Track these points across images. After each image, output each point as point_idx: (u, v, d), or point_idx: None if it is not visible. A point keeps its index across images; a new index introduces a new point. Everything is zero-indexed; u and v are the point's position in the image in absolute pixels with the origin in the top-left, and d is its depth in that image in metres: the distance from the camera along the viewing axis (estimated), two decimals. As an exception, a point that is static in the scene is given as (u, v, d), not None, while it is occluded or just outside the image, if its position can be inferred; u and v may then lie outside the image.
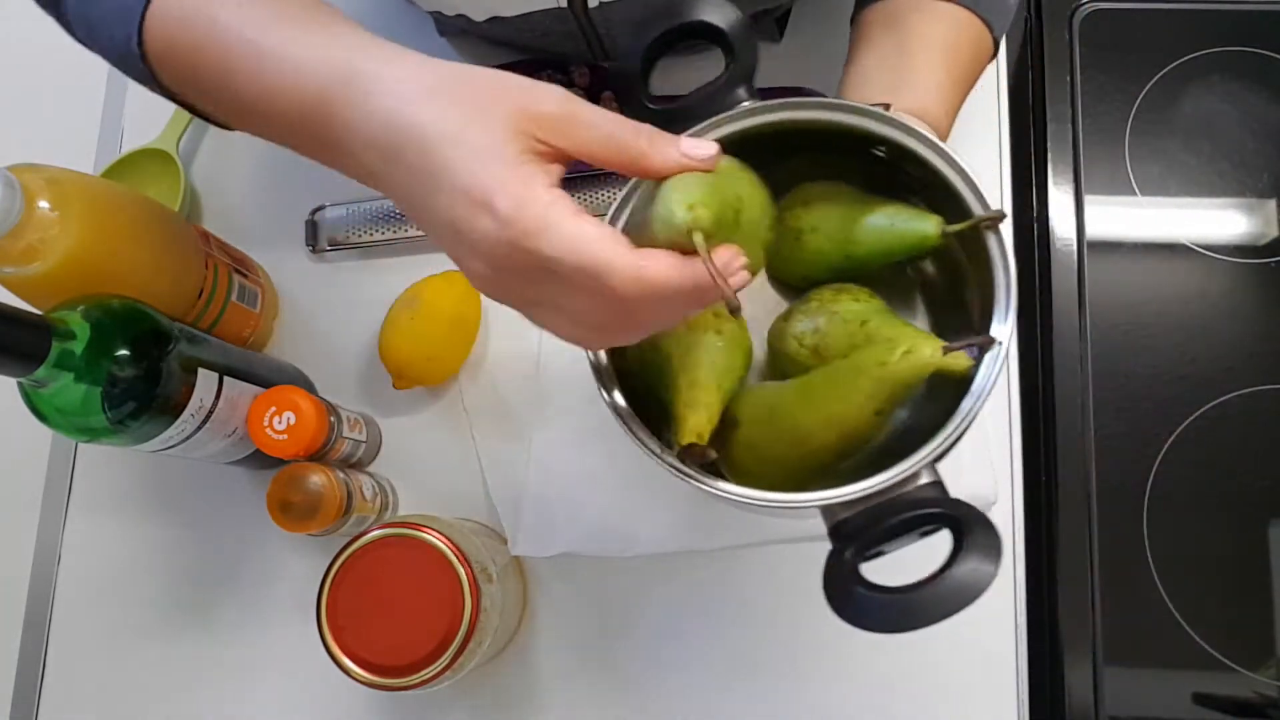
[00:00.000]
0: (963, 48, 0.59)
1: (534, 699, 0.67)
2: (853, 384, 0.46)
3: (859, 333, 0.50)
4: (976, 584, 0.40)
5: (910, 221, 0.50)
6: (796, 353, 0.52)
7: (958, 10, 0.58)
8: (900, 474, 0.44)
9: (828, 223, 0.53)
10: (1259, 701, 0.75)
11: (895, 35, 0.59)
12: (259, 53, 0.44)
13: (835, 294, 0.52)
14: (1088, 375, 0.80)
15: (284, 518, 0.60)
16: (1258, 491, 0.78)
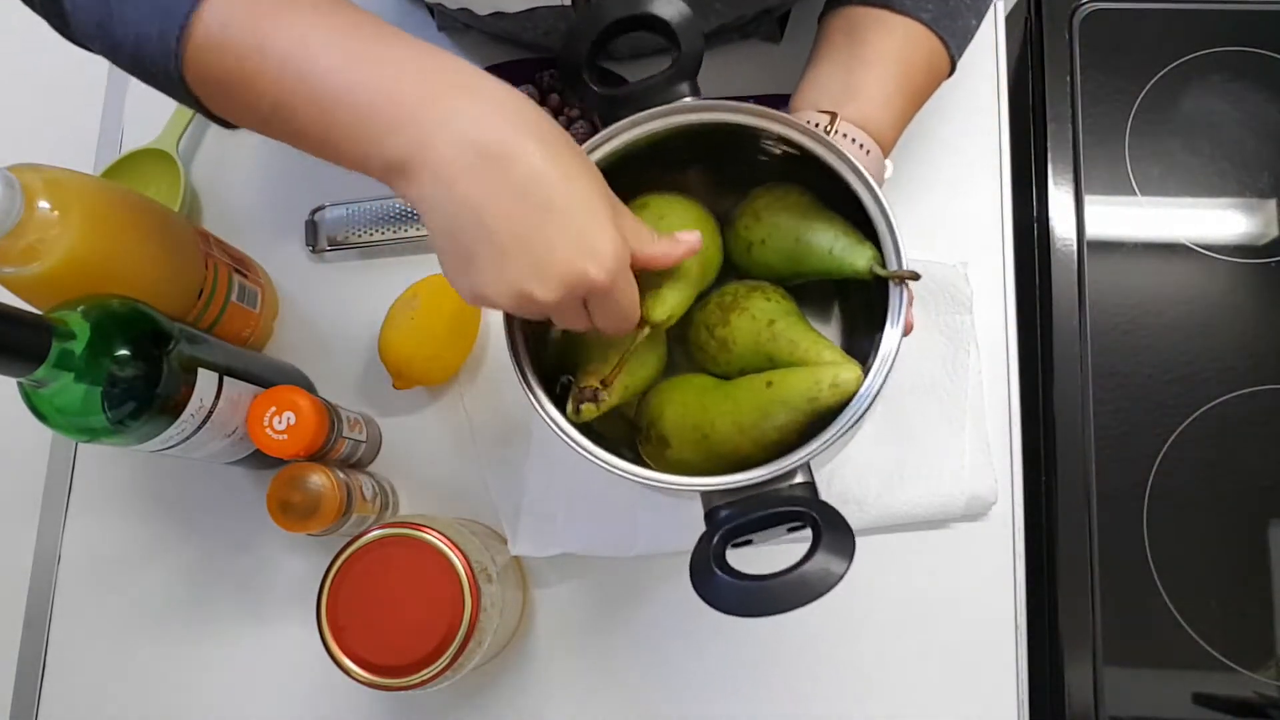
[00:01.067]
0: (917, 64, 0.60)
1: (534, 699, 0.67)
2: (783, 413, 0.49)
3: (765, 331, 0.53)
4: (824, 580, 0.43)
5: (847, 251, 0.53)
6: (705, 342, 0.55)
7: (916, 26, 0.59)
8: (775, 471, 0.47)
9: (776, 237, 0.55)
10: (1259, 701, 0.75)
11: (851, 44, 0.60)
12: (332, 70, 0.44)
13: (749, 290, 0.55)
14: (1088, 375, 0.80)
15: (284, 518, 0.60)
16: (1258, 491, 0.79)
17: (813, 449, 0.48)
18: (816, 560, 0.44)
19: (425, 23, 0.76)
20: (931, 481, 0.67)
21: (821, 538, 0.45)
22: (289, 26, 0.44)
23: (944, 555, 0.67)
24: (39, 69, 0.81)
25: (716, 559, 0.45)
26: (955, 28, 0.60)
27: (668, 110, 0.52)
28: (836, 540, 0.44)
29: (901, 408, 0.69)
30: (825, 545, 0.44)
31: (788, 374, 0.50)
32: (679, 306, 0.52)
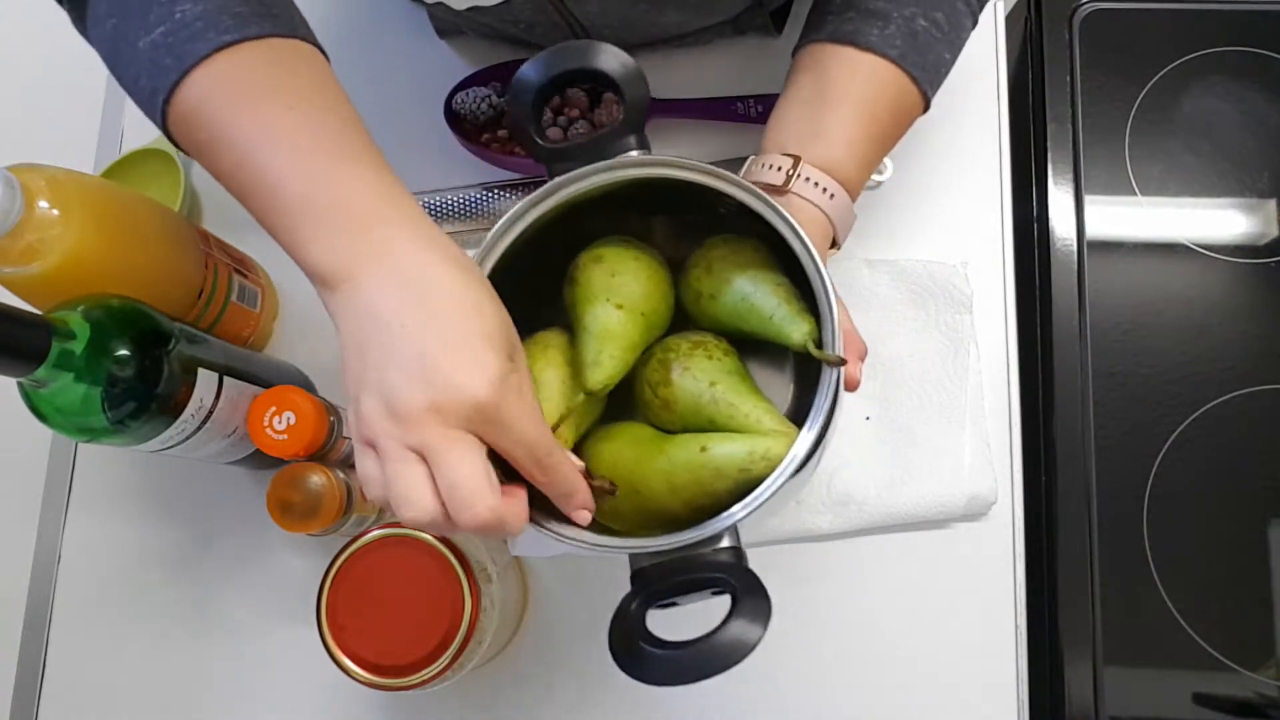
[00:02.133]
0: (884, 103, 0.58)
1: (534, 699, 0.67)
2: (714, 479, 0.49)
3: (706, 393, 0.52)
4: (743, 644, 0.43)
5: (785, 321, 0.52)
6: (649, 399, 0.54)
7: (883, 64, 0.58)
8: (700, 536, 0.47)
9: (725, 294, 0.55)
10: (1259, 701, 0.75)
11: (818, 83, 0.58)
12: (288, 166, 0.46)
13: (692, 347, 0.54)
14: (1088, 375, 0.80)
15: (284, 518, 0.60)
16: (1258, 491, 0.79)
17: (736, 514, 0.47)
18: (731, 629, 0.44)
19: (425, 23, 0.76)
20: (931, 481, 0.67)
21: (738, 605, 0.45)
22: (261, 119, 0.47)
23: (944, 555, 0.67)
24: (39, 69, 0.81)
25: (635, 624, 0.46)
26: (925, 62, 0.59)
27: (612, 165, 0.52)
28: (753, 605, 0.44)
29: (902, 408, 0.69)
30: (741, 612, 0.44)
31: (722, 441, 0.50)
32: (617, 374, 0.53)
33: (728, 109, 0.74)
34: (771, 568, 0.67)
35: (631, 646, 0.45)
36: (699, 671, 0.44)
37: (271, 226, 0.47)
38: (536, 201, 0.52)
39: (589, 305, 0.54)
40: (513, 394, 0.44)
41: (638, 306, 0.54)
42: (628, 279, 0.54)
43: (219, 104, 0.47)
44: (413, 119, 0.74)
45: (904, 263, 0.71)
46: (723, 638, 0.44)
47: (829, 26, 0.59)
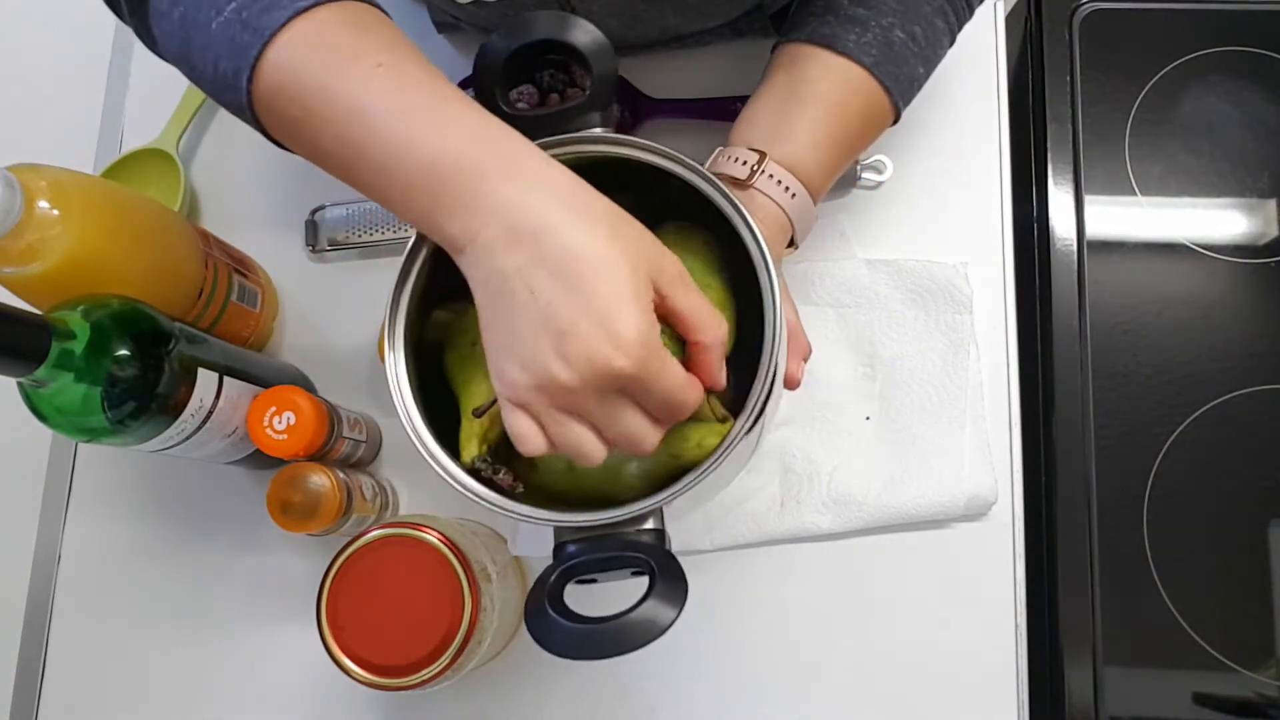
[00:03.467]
0: (853, 108, 0.59)
1: (534, 699, 0.67)
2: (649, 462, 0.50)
3: None
4: (655, 625, 0.43)
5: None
6: None
7: (857, 70, 0.58)
8: (625, 514, 0.47)
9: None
10: (1259, 701, 0.75)
11: (791, 82, 0.59)
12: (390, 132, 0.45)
13: None
14: (1088, 375, 0.80)
15: (284, 518, 0.60)
16: (1258, 491, 0.79)
17: (663, 496, 0.48)
18: (645, 608, 0.43)
19: (424, 19, 0.76)
20: (931, 481, 0.67)
21: (654, 586, 0.44)
22: (354, 83, 0.45)
23: (944, 555, 0.67)
24: (39, 69, 0.81)
25: (552, 595, 0.45)
26: (899, 74, 0.59)
27: (576, 139, 0.51)
28: (670, 587, 0.44)
29: (902, 407, 0.69)
30: (656, 593, 0.44)
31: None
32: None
33: (726, 108, 0.74)
34: (771, 567, 0.67)
35: (544, 616, 0.44)
36: (606, 648, 0.43)
37: (383, 199, 0.46)
38: None
39: None
40: (653, 353, 0.43)
41: None
42: None
43: (308, 73, 0.45)
44: (413, 119, 0.74)
45: (904, 263, 0.71)
46: (635, 617, 0.43)
47: (808, 27, 0.59)
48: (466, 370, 0.53)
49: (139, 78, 0.79)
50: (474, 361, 0.52)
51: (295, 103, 0.46)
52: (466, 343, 0.54)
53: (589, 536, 0.48)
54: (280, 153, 0.78)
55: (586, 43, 0.51)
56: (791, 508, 0.67)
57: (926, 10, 0.59)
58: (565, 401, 0.43)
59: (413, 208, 0.45)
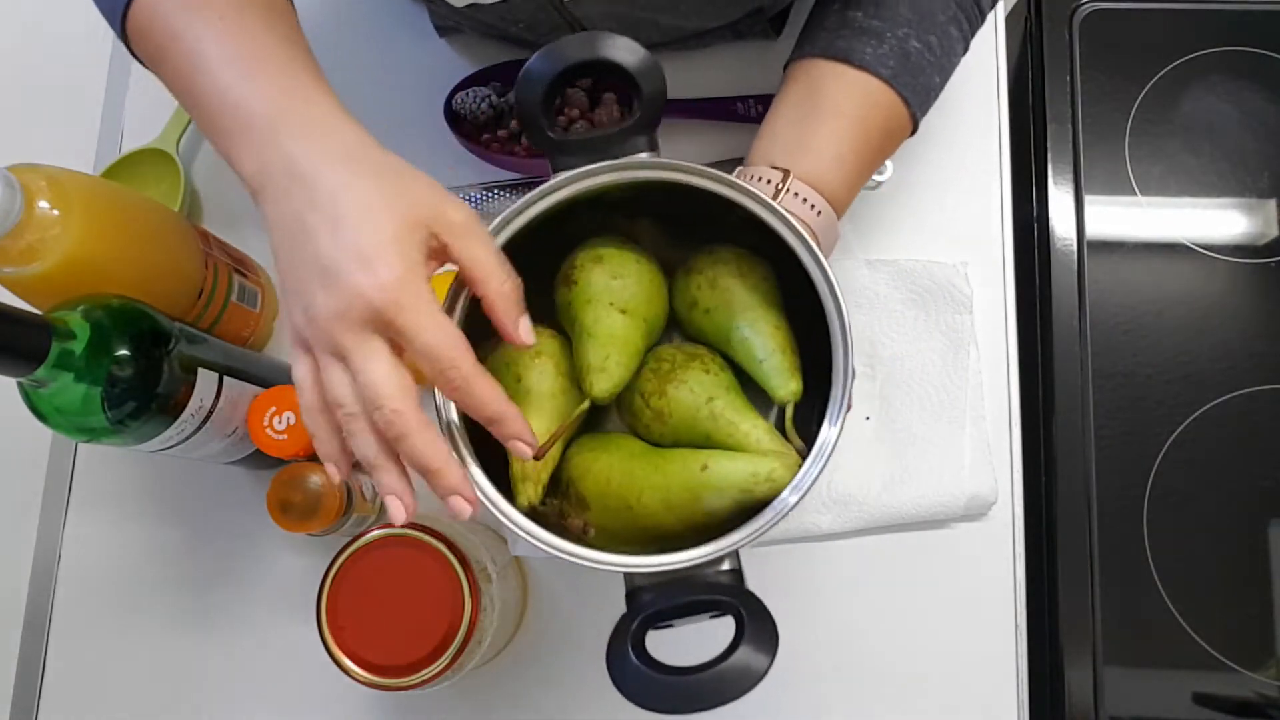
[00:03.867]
0: (874, 122, 0.58)
1: (534, 699, 0.67)
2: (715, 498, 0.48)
3: (704, 409, 0.51)
4: (744, 680, 0.42)
5: (773, 374, 0.51)
6: (640, 410, 0.53)
7: (875, 83, 0.57)
8: (702, 558, 0.46)
9: (720, 314, 0.54)
10: (1259, 701, 0.75)
11: (810, 97, 0.58)
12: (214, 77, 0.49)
13: (688, 359, 0.53)
14: (1088, 375, 0.80)
15: (284, 518, 0.60)
16: (1258, 491, 0.79)
17: (742, 538, 0.46)
18: (739, 656, 0.42)
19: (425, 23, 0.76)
20: (931, 481, 0.67)
21: (744, 632, 0.43)
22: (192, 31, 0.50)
23: (944, 555, 0.67)
24: (39, 69, 0.81)
25: (635, 644, 0.44)
26: (917, 85, 0.59)
27: (622, 165, 0.50)
28: (760, 633, 0.43)
29: (902, 408, 0.69)
30: (748, 639, 0.43)
31: (724, 461, 0.48)
32: (624, 379, 0.51)
33: (729, 109, 0.74)
34: (771, 568, 0.67)
35: (634, 672, 0.43)
36: (707, 700, 0.42)
37: (207, 135, 0.51)
38: (542, 195, 0.50)
39: (590, 307, 0.52)
40: (409, 298, 0.43)
41: (639, 311, 0.52)
42: (629, 281, 0.53)
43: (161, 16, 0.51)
44: (413, 119, 0.74)
45: (904, 263, 0.71)
46: (731, 666, 0.42)
47: (822, 42, 0.59)
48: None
49: (139, 78, 0.80)
50: (519, 399, 0.51)
51: (151, 42, 0.52)
52: (510, 378, 0.52)
53: (665, 581, 0.46)
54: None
55: (634, 63, 0.49)
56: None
57: (941, 19, 0.59)
58: (328, 340, 0.44)
59: (220, 146, 0.49)
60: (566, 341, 0.54)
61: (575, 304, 0.53)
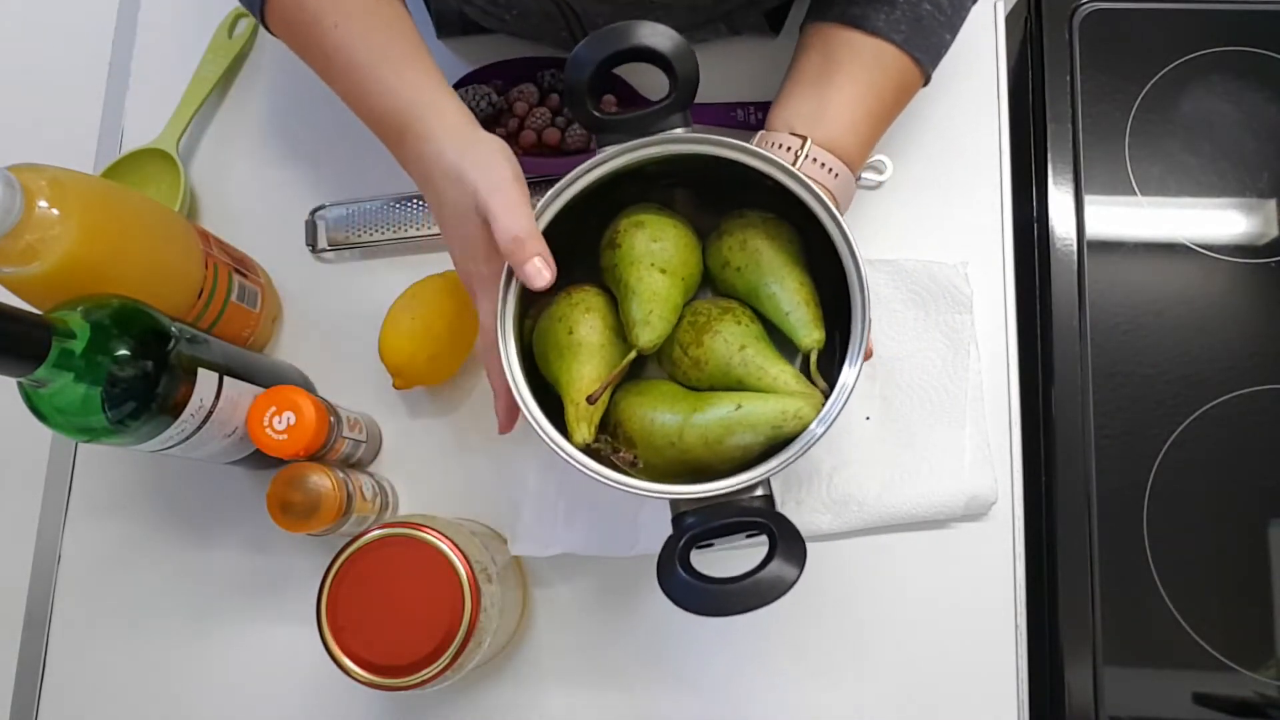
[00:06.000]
0: (888, 86, 0.61)
1: (534, 699, 0.67)
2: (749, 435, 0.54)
3: (736, 356, 0.56)
4: (778, 585, 0.49)
5: (799, 325, 0.57)
6: (679, 358, 0.58)
7: (888, 48, 0.60)
8: (739, 484, 0.52)
9: (750, 271, 0.59)
10: (1259, 701, 0.75)
11: (825, 64, 0.61)
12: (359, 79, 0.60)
13: (721, 312, 0.58)
14: (1088, 375, 0.80)
15: (284, 517, 0.60)
16: (1258, 491, 0.78)
17: (772, 466, 0.52)
18: (772, 568, 0.49)
19: (425, 23, 0.76)
20: (931, 481, 0.67)
21: (777, 546, 0.50)
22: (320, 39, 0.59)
23: (944, 555, 0.67)
24: (39, 69, 0.81)
25: (681, 560, 0.50)
26: (929, 45, 0.61)
27: (659, 140, 0.55)
28: (790, 549, 0.50)
29: (902, 408, 0.69)
30: (780, 554, 0.49)
31: (756, 401, 0.54)
32: (665, 332, 0.57)
33: (727, 115, 0.74)
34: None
35: (683, 583, 0.50)
36: (747, 603, 0.48)
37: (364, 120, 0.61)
38: (590, 169, 0.55)
39: (634, 268, 0.57)
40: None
41: (678, 271, 0.58)
42: (668, 244, 0.58)
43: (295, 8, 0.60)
44: (413, 119, 0.74)
45: (904, 263, 0.71)
46: (765, 576, 0.49)
47: (837, 8, 0.61)
48: (565, 358, 0.57)
49: (139, 78, 0.80)
50: (572, 350, 0.57)
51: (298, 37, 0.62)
52: (563, 331, 0.57)
53: (706, 506, 0.53)
54: (280, 153, 0.78)
55: (669, 48, 0.54)
56: (791, 508, 0.67)
57: None
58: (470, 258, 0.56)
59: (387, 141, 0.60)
60: (612, 299, 0.59)
61: (620, 265, 0.58)
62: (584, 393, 0.56)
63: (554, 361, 0.57)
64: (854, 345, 0.53)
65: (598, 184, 0.56)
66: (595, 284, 0.60)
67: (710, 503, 0.53)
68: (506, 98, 0.73)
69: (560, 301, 0.59)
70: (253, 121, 0.78)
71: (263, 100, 0.78)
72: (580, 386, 0.56)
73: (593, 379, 0.56)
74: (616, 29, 0.54)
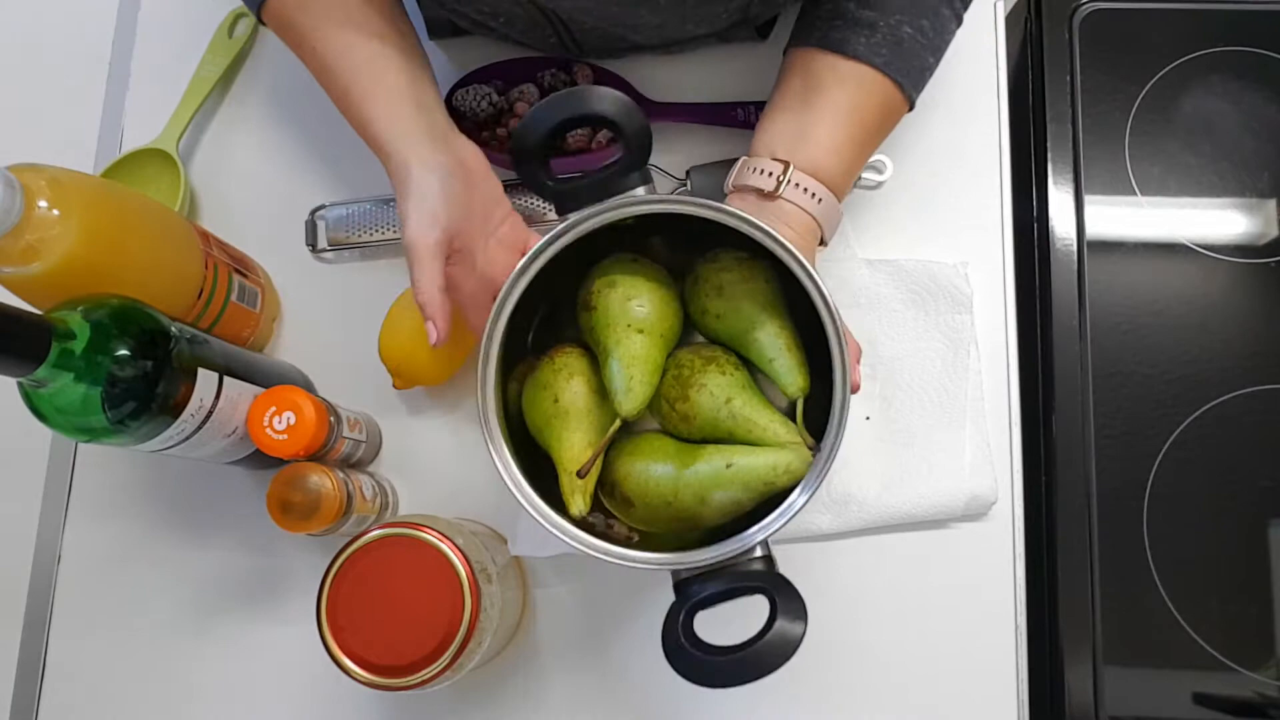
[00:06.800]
0: (870, 110, 0.61)
1: (533, 699, 0.67)
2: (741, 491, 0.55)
3: (724, 409, 0.57)
4: (786, 646, 0.50)
5: (783, 371, 0.58)
6: (667, 413, 0.59)
7: (869, 73, 0.60)
8: (736, 550, 0.53)
9: (731, 319, 0.60)
10: (1259, 701, 0.75)
11: (806, 90, 0.61)
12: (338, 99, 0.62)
13: (705, 364, 0.59)
14: (1088, 375, 0.80)
15: (284, 518, 0.60)
16: (1258, 491, 0.78)
17: (768, 527, 0.53)
18: (776, 629, 0.50)
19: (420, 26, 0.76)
20: (931, 481, 0.67)
21: (777, 608, 0.51)
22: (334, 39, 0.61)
23: (944, 555, 0.67)
24: (39, 69, 0.81)
25: (686, 632, 0.51)
26: (910, 69, 0.61)
27: (622, 202, 0.56)
28: (791, 605, 0.50)
29: (902, 408, 0.69)
30: (783, 613, 0.50)
31: (746, 456, 0.55)
32: (648, 395, 0.57)
33: (729, 114, 0.74)
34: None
35: (689, 658, 0.51)
36: (758, 671, 0.49)
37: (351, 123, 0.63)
38: (555, 238, 0.56)
39: (611, 331, 0.58)
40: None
41: (656, 328, 0.58)
42: (644, 302, 0.59)
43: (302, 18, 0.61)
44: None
45: (904, 263, 0.71)
46: (771, 639, 0.49)
47: (818, 32, 0.61)
48: (554, 427, 0.58)
49: (139, 78, 0.80)
50: (560, 418, 0.58)
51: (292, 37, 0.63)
52: (548, 400, 0.58)
53: (706, 571, 0.53)
54: (280, 153, 0.78)
55: (613, 111, 0.55)
56: (791, 508, 0.67)
57: (932, 2, 0.61)
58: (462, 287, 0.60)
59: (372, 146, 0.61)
60: (594, 358, 0.60)
61: (597, 328, 0.59)
62: (575, 464, 0.56)
63: (544, 430, 0.58)
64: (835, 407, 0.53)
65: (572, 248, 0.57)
66: (578, 344, 0.61)
67: (711, 568, 0.53)
68: (507, 98, 0.73)
69: (544, 367, 0.60)
70: (253, 121, 0.78)
71: (263, 100, 0.78)
72: (571, 456, 0.57)
73: (583, 446, 0.57)
74: (563, 97, 0.56)
